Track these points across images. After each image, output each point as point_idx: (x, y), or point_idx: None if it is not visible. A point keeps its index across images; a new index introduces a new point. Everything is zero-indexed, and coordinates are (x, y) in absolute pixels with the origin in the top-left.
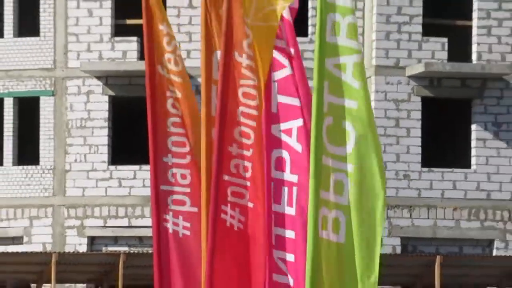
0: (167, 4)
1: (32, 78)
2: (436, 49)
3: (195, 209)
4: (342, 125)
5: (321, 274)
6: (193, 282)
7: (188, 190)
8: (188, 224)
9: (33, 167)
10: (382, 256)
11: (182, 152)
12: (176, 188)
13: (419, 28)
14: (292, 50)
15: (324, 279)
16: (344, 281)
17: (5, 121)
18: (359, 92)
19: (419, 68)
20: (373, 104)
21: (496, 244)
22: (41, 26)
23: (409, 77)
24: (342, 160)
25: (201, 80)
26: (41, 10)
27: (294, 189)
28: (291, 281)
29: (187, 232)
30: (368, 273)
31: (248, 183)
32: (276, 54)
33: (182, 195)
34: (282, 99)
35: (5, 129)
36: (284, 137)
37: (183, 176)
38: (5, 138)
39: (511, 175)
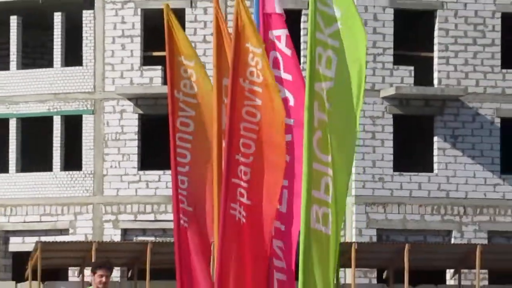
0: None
1: (76, 99)
2: (405, 75)
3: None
4: (327, 139)
5: (312, 260)
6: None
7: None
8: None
9: (77, 172)
10: (362, 244)
11: (183, 162)
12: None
13: (391, 59)
14: (289, 76)
15: (314, 263)
16: (329, 264)
17: (54, 135)
18: (337, 112)
19: (391, 91)
20: None
21: (454, 234)
22: (83, 57)
23: (383, 98)
24: (328, 166)
25: (213, 101)
26: (83, 44)
27: (285, 191)
28: (284, 265)
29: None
30: (335, 262)
31: (247, 185)
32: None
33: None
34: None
35: (54, 142)
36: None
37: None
38: (54, 148)
39: (465, 178)
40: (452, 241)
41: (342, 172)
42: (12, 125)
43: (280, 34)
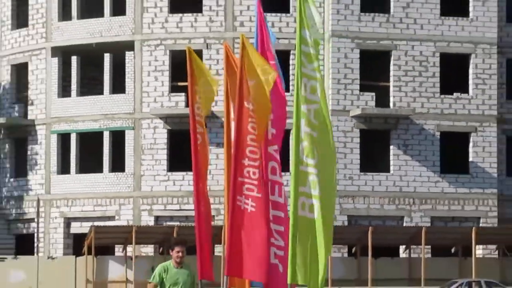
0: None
1: (120, 118)
2: (368, 99)
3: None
4: (312, 147)
5: (297, 239)
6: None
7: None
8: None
9: (121, 173)
10: (336, 227)
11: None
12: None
13: (358, 87)
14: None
15: (301, 242)
16: (315, 243)
17: (104, 145)
18: (318, 127)
19: (357, 111)
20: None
21: (405, 219)
22: (126, 87)
23: (352, 116)
24: (314, 167)
25: (224, 119)
26: (126, 76)
27: (282, 186)
28: (282, 243)
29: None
30: (330, 239)
31: (256, 182)
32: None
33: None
34: (273, 130)
35: (104, 150)
36: (274, 154)
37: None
38: (104, 155)
39: (414, 176)
40: (404, 224)
41: (326, 172)
42: (73, 138)
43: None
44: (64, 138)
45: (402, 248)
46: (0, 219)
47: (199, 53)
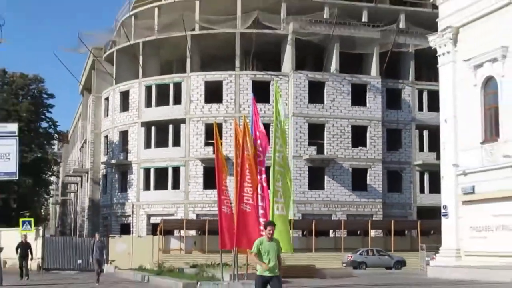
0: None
1: (177, 160)
2: (312, 150)
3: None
4: (280, 177)
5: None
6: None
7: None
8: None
9: (178, 190)
10: (296, 220)
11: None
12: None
13: (307, 143)
14: (260, 149)
15: (276, 226)
16: (286, 230)
17: (168, 175)
18: (283, 166)
19: (307, 156)
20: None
21: (332, 216)
22: (181, 142)
23: (304, 159)
24: (280, 187)
25: (234, 160)
26: (181, 137)
27: (265, 199)
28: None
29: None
30: (288, 227)
31: (251, 196)
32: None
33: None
34: (261, 167)
35: (168, 178)
36: (262, 181)
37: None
38: (168, 181)
39: (337, 192)
40: (332, 218)
41: (287, 190)
42: (152, 171)
43: (261, 136)
44: (147, 171)
45: (331, 231)
46: (112, 216)
47: (220, 125)
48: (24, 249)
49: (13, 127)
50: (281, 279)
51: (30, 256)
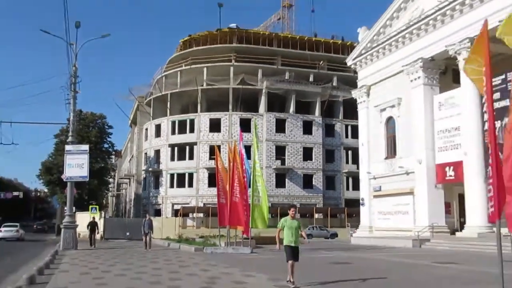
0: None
1: (190, 169)
2: (279, 162)
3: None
4: (258, 179)
5: (254, 215)
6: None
7: (238, 190)
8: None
9: (191, 188)
10: (269, 207)
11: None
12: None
13: (274, 157)
14: (246, 164)
15: (256, 212)
16: (264, 216)
17: (186, 178)
18: (260, 172)
19: (274, 166)
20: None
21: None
22: (194, 156)
23: (273, 168)
24: (261, 186)
25: (229, 171)
26: (194, 154)
27: (247, 193)
28: (248, 213)
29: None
30: (266, 212)
31: (239, 191)
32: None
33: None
34: (245, 175)
35: (186, 180)
36: (244, 183)
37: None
38: (186, 182)
39: (293, 190)
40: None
41: (263, 188)
42: (174, 176)
43: (244, 155)
44: (172, 175)
45: None
46: (149, 204)
47: (219, 147)
48: (92, 225)
49: (86, 147)
50: (299, 248)
51: (97, 230)
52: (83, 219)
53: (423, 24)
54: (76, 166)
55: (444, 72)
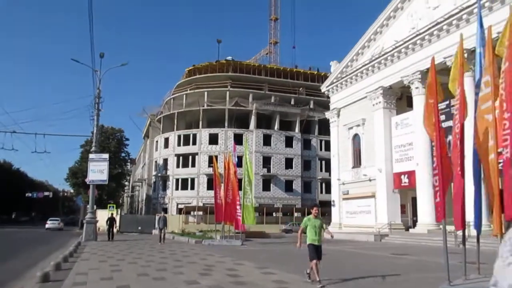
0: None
1: (193, 174)
2: (265, 170)
3: (231, 197)
4: (248, 183)
5: (244, 209)
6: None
7: (230, 193)
8: (231, 199)
9: (193, 190)
10: (256, 207)
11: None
12: (229, 194)
13: (262, 166)
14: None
15: (246, 210)
16: (252, 212)
17: (188, 182)
18: (250, 176)
19: (262, 173)
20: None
21: (275, 205)
22: (196, 165)
23: (261, 175)
24: (249, 189)
25: (224, 177)
26: (196, 163)
27: (239, 195)
28: (240, 211)
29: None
30: (253, 211)
31: (232, 193)
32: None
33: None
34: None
35: (188, 183)
36: (235, 186)
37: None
38: (189, 185)
39: (277, 193)
40: (275, 206)
41: (251, 190)
42: (179, 180)
43: (234, 165)
44: (177, 180)
45: (274, 213)
46: (158, 204)
47: (216, 157)
48: (111, 221)
49: (106, 156)
50: (321, 246)
51: (114, 225)
52: (102, 215)
53: (383, 59)
54: (98, 171)
55: (400, 98)
